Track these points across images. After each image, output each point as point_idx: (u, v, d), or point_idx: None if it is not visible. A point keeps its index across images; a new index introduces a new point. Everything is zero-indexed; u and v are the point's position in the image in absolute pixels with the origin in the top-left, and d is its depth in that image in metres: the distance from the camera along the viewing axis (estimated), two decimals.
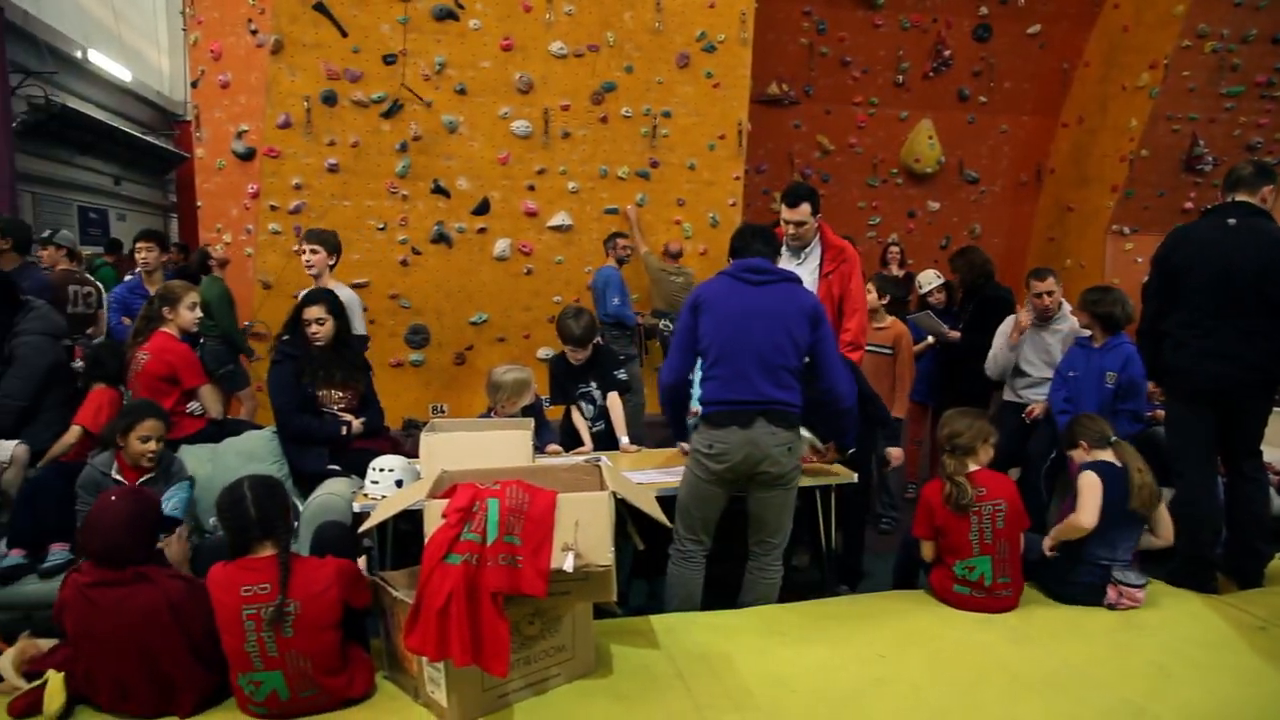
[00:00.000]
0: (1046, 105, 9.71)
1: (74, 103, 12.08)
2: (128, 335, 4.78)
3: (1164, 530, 3.74)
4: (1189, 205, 8.82)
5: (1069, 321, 5.01)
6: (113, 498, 2.77)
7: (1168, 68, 8.30)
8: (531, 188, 7.21)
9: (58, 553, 3.61)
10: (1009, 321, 5.14)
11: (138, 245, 6.28)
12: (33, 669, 2.72)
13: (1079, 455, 3.82)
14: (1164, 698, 2.90)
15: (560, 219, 7.30)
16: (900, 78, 9.40)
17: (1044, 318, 5.02)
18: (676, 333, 3.71)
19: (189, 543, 3.39)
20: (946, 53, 9.30)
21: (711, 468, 3.48)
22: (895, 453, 4.67)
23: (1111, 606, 3.55)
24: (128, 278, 6.97)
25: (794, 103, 9.33)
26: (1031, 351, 5.06)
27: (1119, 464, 3.69)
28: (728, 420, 3.44)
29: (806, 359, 3.56)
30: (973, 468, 3.62)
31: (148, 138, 14.86)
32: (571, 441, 4.67)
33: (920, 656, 3.18)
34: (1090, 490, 3.60)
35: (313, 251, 5.05)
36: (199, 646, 2.67)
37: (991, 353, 5.16)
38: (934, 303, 6.16)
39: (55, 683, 2.62)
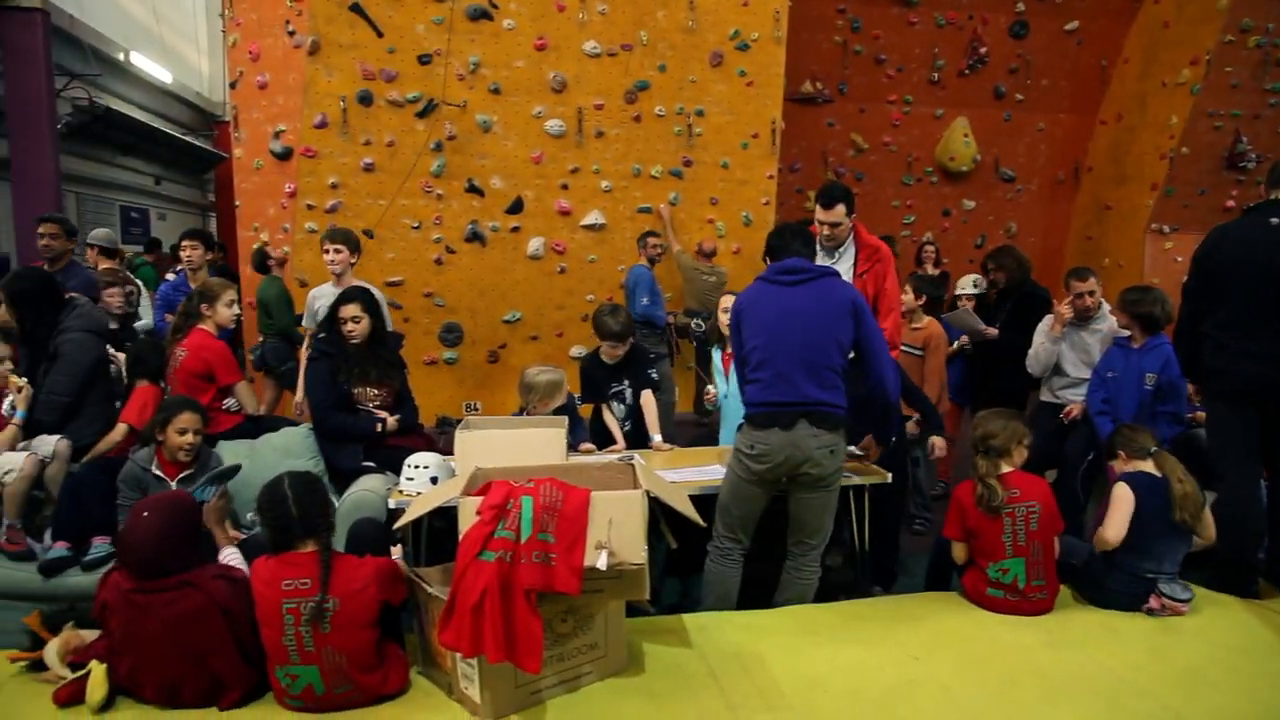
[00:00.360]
0: (1084, 102, 9.59)
1: (116, 104, 12.32)
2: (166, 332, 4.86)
3: (1207, 531, 3.67)
4: (1230, 203, 8.67)
5: (1108, 321, 4.94)
6: (144, 513, 2.75)
7: (1209, 63, 8.16)
8: (565, 186, 7.24)
9: (100, 546, 3.68)
10: (1048, 319, 5.07)
11: (183, 243, 6.38)
12: (76, 659, 2.79)
13: (1118, 466, 3.77)
14: (1203, 704, 2.86)
15: (593, 218, 7.32)
16: (935, 75, 9.33)
17: (1084, 318, 4.95)
18: (734, 348, 3.74)
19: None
20: (982, 50, 9.21)
21: (752, 468, 3.48)
22: (939, 442, 4.53)
23: (1151, 612, 3.50)
24: (170, 276, 7.08)
25: (828, 101, 9.29)
26: (1070, 351, 4.99)
27: (1159, 475, 3.63)
28: (769, 422, 3.43)
29: (851, 354, 3.54)
30: (1006, 469, 3.58)
31: (187, 138, 15.11)
32: (602, 440, 4.68)
33: (953, 658, 3.16)
34: (1120, 504, 3.55)
35: (336, 251, 5.14)
36: (245, 643, 2.71)
37: (1032, 350, 5.08)
38: (961, 308, 6.09)
39: (98, 673, 2.68)
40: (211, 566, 2.85)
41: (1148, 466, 3.67)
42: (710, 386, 4.74)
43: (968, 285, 6.21)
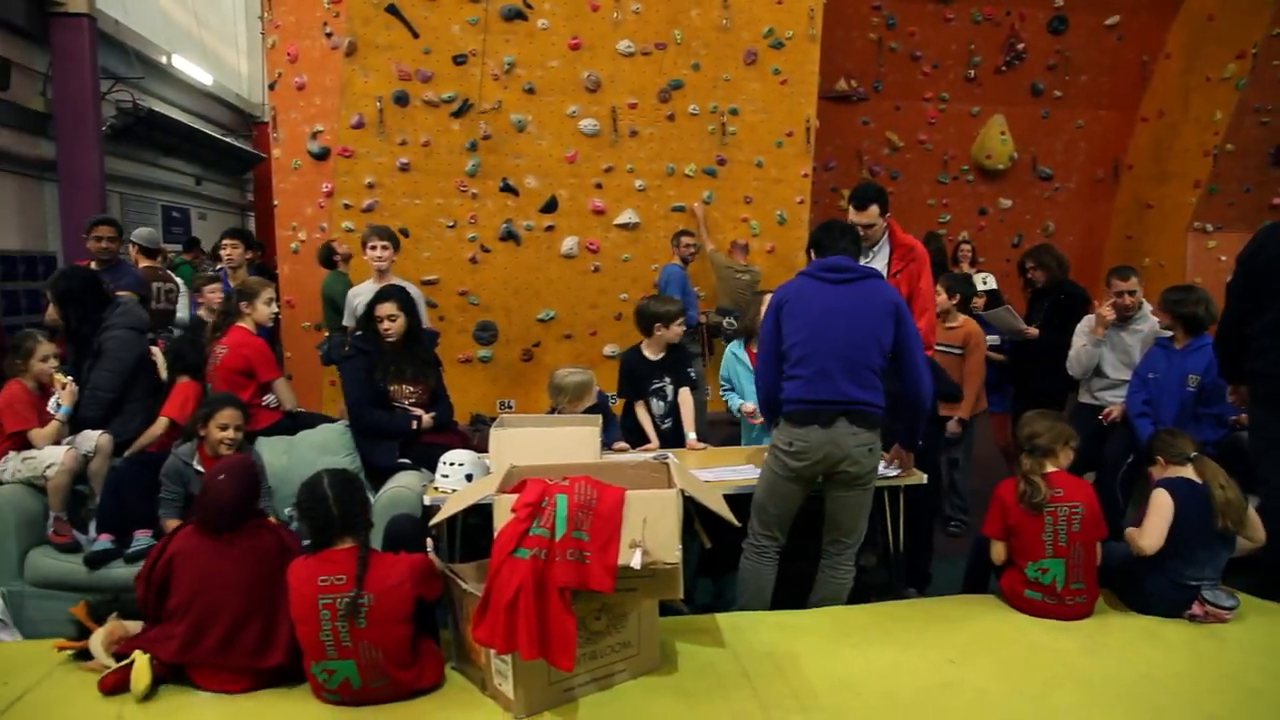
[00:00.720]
0: (1124, 99, 9.43)
1: (159, 106, 12.53)
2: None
3: (1257, 533, 3.57)
4: (1277, 201, 8.49)
5: (1149, 322, 4.85)
6: (220, 476, 3.00)
7: (1256, 57, 7.99)
8: (599, 186, 7.25)
9: (141, 539, 3.77)
10: (1088, 320, 4.99)
11: (224, 242, 6.46)
12: (121, 649, 2.85)
13: (1156, 471, 3.70)
14: (1245, 713, 2.81)
15: (627, 217, 7.32)
16: (972, 72, 9.22)
17: (1124, 317, 4.87)
18: (761, 342, 3.71)
19: None
20: (1020, 46, 9.09)
21: (790, 465, 3.48)
22: (951, 424, 4.96)
23: (1194, 619, 3.43)
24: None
25: (863, 99, 9.22)
26: (1110, 352, 4.91)
27: (1199, 481, 3.56)
28: (809, 419, 3.43)
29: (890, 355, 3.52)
30: (1050, 469, 3.54)
31: (227, 139, 15.33)
32: (635, 438, 4.68)
33: (989, 662, 3.12)
34: (1158, 511, 3.48)
35: (384, 247, 5.23)
36: None
37: (1073, 352, 5.00)
38: (973, 307, 5.98)
39: (142, 663, 2.74)
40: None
41: (1187, 472, 3.60)
42: (748, 402, 4.63)
43: (979, 283, 6.13)
